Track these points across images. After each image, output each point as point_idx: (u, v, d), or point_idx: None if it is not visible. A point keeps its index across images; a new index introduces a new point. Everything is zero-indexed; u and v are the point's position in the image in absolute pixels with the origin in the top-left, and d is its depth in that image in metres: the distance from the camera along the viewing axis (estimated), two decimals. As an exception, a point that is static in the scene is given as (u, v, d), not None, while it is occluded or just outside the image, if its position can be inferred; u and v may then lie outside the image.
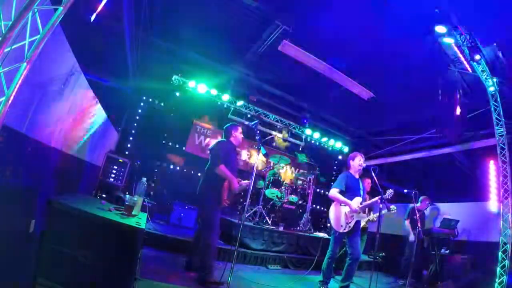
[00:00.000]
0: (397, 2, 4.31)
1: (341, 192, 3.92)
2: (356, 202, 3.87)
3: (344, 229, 3.79)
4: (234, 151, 3.59)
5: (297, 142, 8.88)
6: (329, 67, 5.55)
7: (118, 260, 2.09)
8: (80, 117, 3.45)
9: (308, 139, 8.85)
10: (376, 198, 3.81)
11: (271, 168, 6.74)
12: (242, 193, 5.96)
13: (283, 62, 6.56)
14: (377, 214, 4.56)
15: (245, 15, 5.41)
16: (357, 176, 4.08)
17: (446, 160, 8.14)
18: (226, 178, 3.29)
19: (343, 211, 3.87)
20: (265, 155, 3.34)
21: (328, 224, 4.05)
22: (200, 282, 3.13)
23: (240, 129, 3.67)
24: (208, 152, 3.57)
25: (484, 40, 4.25)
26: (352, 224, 3.80)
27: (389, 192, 3.82)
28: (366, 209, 4.90)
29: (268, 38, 5.65)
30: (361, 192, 3.99)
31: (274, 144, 8.58)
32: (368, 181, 5.11)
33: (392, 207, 4.36)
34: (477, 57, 4.28)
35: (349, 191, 3.92)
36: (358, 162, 4.05)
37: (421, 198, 5.72)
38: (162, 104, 7.20)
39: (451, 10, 3.95)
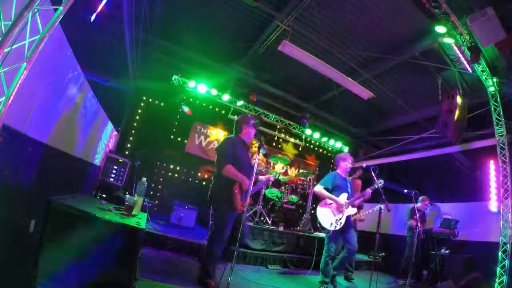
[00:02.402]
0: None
1: (326, 189, 4.01)
2: (342, 197, 3.95)
3: (336, 227, 3.81)
4: (243, 147, 3.23)
5: (297, 142, 8.89)
6: (329, 67, 5.54)
7: (118, 260, 2.09)
8: (80, 117, 3.45)
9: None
10: (367, 189, 3.89)
11: (271, 168, 6.74)
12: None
13: (283, 62, 6.58)
14: (366, 212, 4.69)
15: (245, 15, 5.42)
16: (344, 176, 4.20)
17: (446, 160, 8.14)
18: (236, 180, 3.00)
19: (330, 209, 3.94)
20: (265, 155, 3.27)
21: (318, 224, 4.11)
22: (199, 284, 3.11)
23: (251, 122, 3.26)
24: (215, 152, 3.27)
25: None
26: (343, 221, 3.83)
27: (380, 181, 3.90)
28: (356, 207, 4.92)
29: (268, 38, 5.65)
30: (349, 190, 4.07)
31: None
32: (358, 182, 5.15)
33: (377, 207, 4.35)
34: (477, 57, 4.28)
35: (337, 189, 4.00)
36: (348, 163, 4.21)
37: (420, 198, 5.71)
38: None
39: None
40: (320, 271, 3.95)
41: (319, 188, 4.04)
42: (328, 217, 3.89)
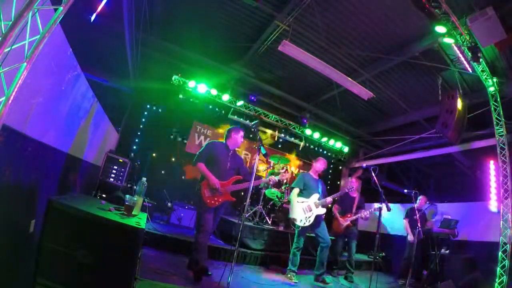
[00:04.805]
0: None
1: (300, 191, 4.40)
2: (313, 198, 4.30)
3: (305, 223, 4.19)
4: (224, 152, 3.56)
5: (297, 142, 8.88)
6: (329, 67, 5.54)
7: (118, 260, 2.08)
8: (80, 116, 3.45)
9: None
10: (327, 198, 4.31)
11: (271, 168, 6.73)
12: (242, 193, 5.97)
13: (283, 62, 6.58)
14: (367, 213, 4.97)
15: (245, 15, 5.42)
16: (315, 177, 4.55)
17: (446, 160, 8.15)
18: (205, 177, 3.34)
19: (301, 207, 4.27)
20: (265, 155, 3.33)
21: (289, 220, 4.55)
22: (194, 276, 3.23)
23: (241, 133, 3.65)
24: None
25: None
26: (312, 219, 4.21)
27: (351, 187, 4.64)
28: (354, 208, 5.09)
29: (268, 38, 5.65)
30: (319, 190, 4.40)
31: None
32: (354, 180, 5.29)
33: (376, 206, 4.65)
34: (477, 57, 4.28)
35: (308, 189, 4.37)
36: (318, 165, 4.55)
37: (419, 197, 5.72)
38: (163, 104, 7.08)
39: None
40: (289, 260, 4.31)
41: (293, 193, 4.42)
42: (298, 214, 4.24)
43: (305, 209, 4.24)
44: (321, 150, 9.48)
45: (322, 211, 4.29)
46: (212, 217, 3.35)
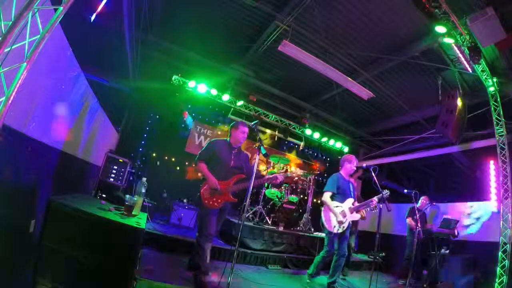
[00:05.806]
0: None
1: (332, 195, 4.04)
2: (348, 203, 3.98)
3: (338, 230, 3.89)
4: (227, 151, 3.44)
5: (297, 142, 8.88)
6: (329, 67, 5.54)
7: (118, 260, 2.09)
8: (79, 117, 3.45)
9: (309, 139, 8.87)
10: (373, 199, 3.92)
11: (271, 168, 6.73)
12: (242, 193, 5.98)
13: (283, 62, 6.58)
14: (365, 210, 4.68)
15: (245, 15, 5.42)
16: (347, 178, 4.21)
17: (446, 160, 8.14)
18: (204, 177, 3.26)
19: (336, 213, 3.96)
20: (265, 155, 3.30)
21: (321, 225, 4.09)
22: (195, 282, 3.14)
23: (240, 127, 3.47)
24: None
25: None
26: (346, 225, 3.92)
27: (385, 192, 3.93)
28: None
29: (268, 38, 5.65)
30: (352, 194, 4.11)
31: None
32: (352, 180, 5.25)
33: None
34: (477, 57, 4.27)
35: (341, 193, 4.03)
36: (353, 166, 4.19)
37: (421, 198, 5.74)
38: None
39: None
40: (313, 264, 4.13)
41: (326, 197, 4.04)
42: (333, 220, 3.93)
43: (339, 215, 3.92)
44: (320, 150, 9.48)
45: (356, 217, 4.00)
46: (215, 219, 3.25)
